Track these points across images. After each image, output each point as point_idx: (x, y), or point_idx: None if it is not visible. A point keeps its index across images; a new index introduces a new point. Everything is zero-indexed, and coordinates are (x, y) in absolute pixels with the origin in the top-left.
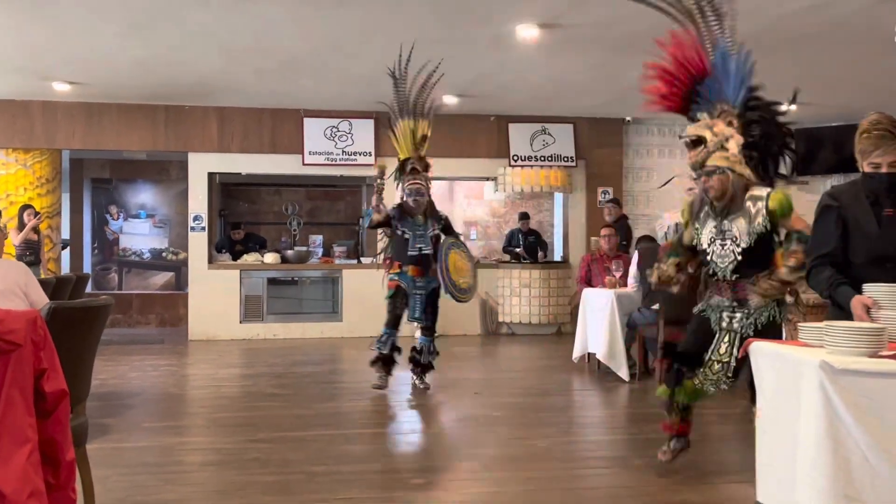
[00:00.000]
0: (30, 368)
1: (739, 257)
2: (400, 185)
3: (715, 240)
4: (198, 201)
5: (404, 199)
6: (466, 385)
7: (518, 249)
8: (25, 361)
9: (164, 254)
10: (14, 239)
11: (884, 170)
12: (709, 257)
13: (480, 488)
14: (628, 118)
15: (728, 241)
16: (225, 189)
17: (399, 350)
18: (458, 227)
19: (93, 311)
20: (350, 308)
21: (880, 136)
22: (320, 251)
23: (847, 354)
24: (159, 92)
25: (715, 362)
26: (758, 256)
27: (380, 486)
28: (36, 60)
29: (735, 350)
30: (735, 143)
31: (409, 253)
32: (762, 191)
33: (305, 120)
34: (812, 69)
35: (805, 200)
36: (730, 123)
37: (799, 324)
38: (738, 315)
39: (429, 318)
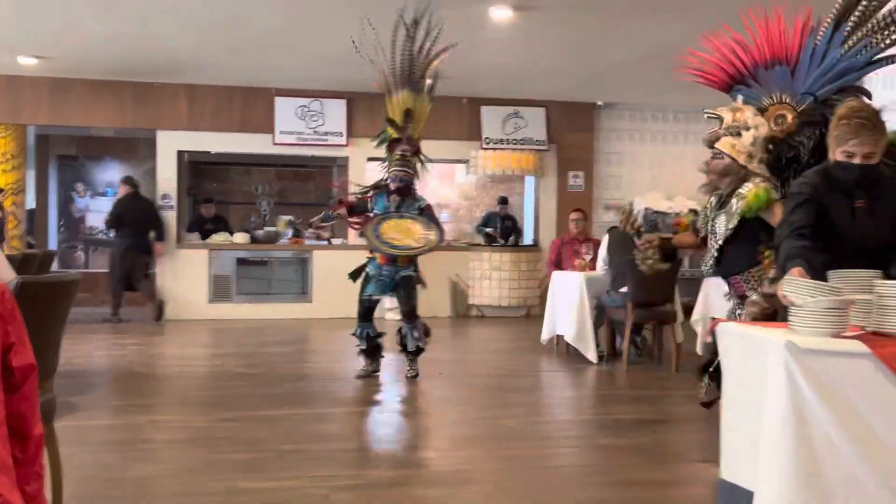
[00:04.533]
0: None
1: (716, 254)
2: (387, 162)
3: (710, 234)
4: (166, 180)
5: (387, 180)
6: (436, 366)
7: (494, 231)
8: None
9: None
10: None
11: (857, 160)
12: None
13: (450, 467)
14: (600, 102)
15: (712, 237)
16: (194, 168)
17: (378, 336)
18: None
19: (61, 286)
20: (320, 289)
21: (860, 125)
22: (290, 231)
23: (811, 335)
24: (128, 68)
25: None
26: (738, 253)
27: (350, 464)
28: (1, 33)
29: None
30: (752, 136)
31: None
32: (747, 187)
33: (277, 99)
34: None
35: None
36: (780, 117)
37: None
38: (740, 312)
39: (403, 304)
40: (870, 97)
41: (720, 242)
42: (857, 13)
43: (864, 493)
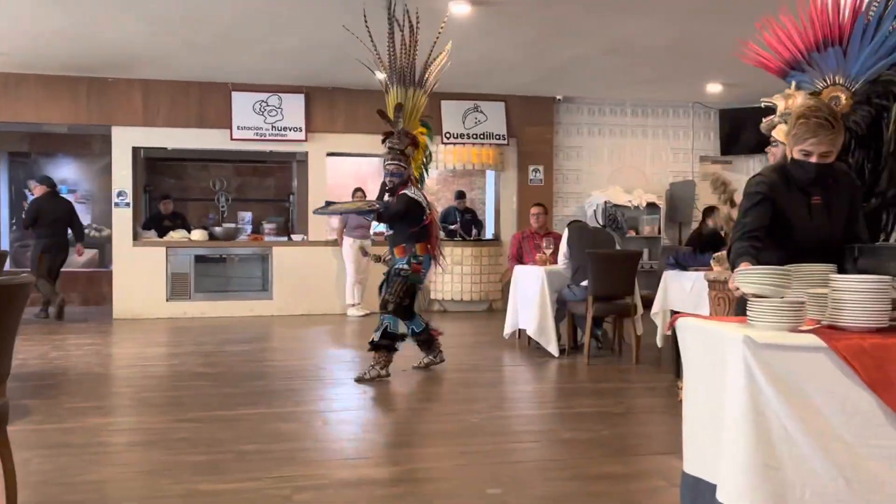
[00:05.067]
0: None
1: None
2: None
3: None
4: (122, 177)
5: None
6: (398, 362)
7: (454, 227)
8: None
9: (86, 230)
10: None
11: (814, 159)
12: None
13: (413, 464)
14: (559, 97)
15: None
16: (150, 164)
17: (426, 331)
18: None
19: (12, 289)
20: (281, 286)
21: (818, 125)
22: (249, 228)
23: (769, 329)
24: (81, 63)
25: None
26: None
27: (312, 464)
28: None
29: None
30: None
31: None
32: None
33: (234, 94)
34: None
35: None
36: (834, 99)
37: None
38: None
39: (382, 292)
40: None
41: None
42: None
43: (820, 484)
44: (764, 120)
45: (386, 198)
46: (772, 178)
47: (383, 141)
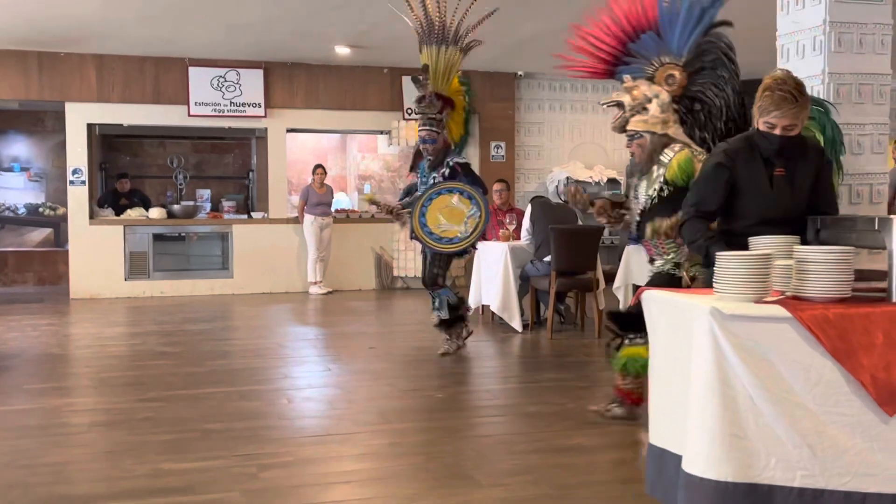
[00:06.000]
0: None
1: (638, 218)
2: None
3: (632, 197)
4: (77, 154)
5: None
6: (362, 339)
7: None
8: None
9: (41, 209)
10: None
11: (778, 131)
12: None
13: (380, 440)
14: (520, 72)
15: (636, 200)
16: (106, 141)
17: (459, 306)
18: (350, 181)
19: None
20: (241, 264)
21: (782, 98)
22: (208, 206)
23: (735, 300)
24: (32, 37)
25: None
26: (657, 217)
27: (278, 442)
28: None
29: None
30: (658, 104)
31: None
32: (669, 154)
33: (191, 69)
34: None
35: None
36: (669, 77)
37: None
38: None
39: (428, 267)
40: (731, 25)
41: (643, 208)
42: None
43: (785, 452)
44: (613, 118)
45: (426, 161)
46: (736, 146)
47: (417, 106)
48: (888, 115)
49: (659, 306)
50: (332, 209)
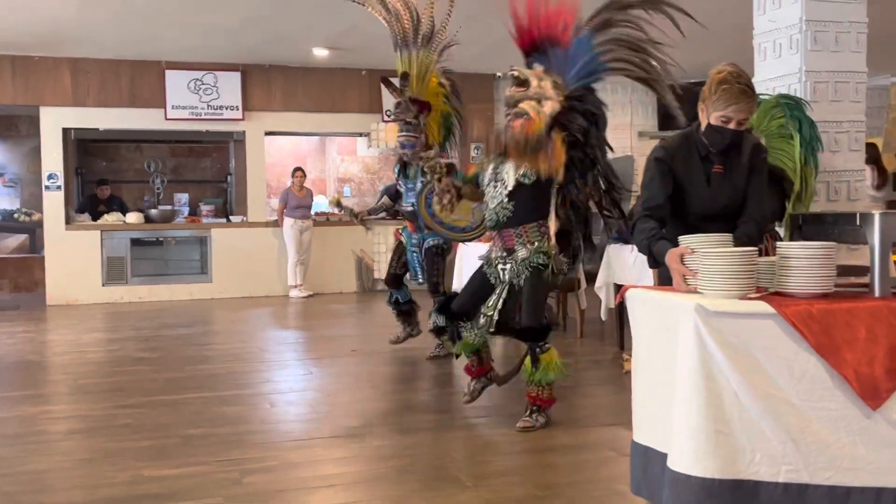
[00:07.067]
0: None
1: (505, 199)
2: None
3: (491, 181)
4: (52, 159)
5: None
6: (344, 342)
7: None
8: None
9: (15, 215)
10: None
11: (732, 126)
12: (486, 200)
13: (363, 443)
14: (499, 74)
15: (499, 183)
16: (81, 146)
17: (409, 303)
18: (330, 183)
19: None
20: (220, 268)
21: (742, 91)
22: (186, 210)
23: (719, 297)
24: (5, 40)
25: (482, 315)
26: (524, 205)
27: (260, 446)
28: None
29: (500, 303)
30: (551, 108)
31: (404, 208)
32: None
33: (167, 72)
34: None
35: None
36: (555, 85)
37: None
38: (509, 266)
39: (426, 276)
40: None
41: (508, 188)
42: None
43: (769, 446)
44: (512, 89)
45: (410, 168)
46: (673, 144)
47: (392, 111)
48: (864, 112)
49: (642, 304)
50: (312, 212)
